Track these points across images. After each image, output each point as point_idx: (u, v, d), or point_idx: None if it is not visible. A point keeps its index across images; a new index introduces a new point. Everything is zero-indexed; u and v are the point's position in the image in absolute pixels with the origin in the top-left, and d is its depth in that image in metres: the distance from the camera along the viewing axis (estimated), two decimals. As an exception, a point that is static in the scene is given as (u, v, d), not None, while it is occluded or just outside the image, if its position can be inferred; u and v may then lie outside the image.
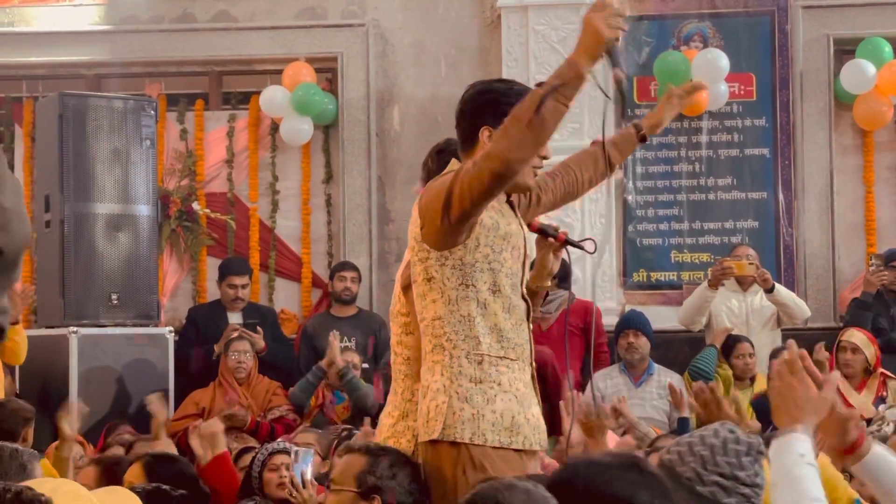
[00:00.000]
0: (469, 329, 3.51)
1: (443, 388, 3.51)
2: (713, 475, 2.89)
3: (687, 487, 2.88)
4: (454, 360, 3.51)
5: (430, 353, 3.57)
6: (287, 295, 9.08)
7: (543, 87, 3.33)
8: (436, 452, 3.52)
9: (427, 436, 3.52)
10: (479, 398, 3.49)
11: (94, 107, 7.72)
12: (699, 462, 2.91)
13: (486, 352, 3.51)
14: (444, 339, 3.53)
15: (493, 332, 3.53)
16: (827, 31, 8.64)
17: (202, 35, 9.03)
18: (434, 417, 3.50)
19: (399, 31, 8.95)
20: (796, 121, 8.60)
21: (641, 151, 8.65)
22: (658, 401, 7.42)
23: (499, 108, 3.53)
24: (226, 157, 9.13)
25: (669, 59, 8.46)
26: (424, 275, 3.57)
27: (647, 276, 8.57)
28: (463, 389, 3.49)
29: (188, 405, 7.54)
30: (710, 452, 2.92)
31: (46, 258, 7.86)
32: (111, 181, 7.71)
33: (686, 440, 2.99)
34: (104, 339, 7.56)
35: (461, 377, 3.50)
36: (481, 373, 3.51)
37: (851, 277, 8.60)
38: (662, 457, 3.00)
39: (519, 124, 3.32)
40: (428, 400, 3.54)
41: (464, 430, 3.47)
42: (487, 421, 3.48)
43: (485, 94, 3.64)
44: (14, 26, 9.13)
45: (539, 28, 8.47)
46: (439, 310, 3.54)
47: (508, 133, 3.33)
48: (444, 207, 3.44)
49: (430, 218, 3.50)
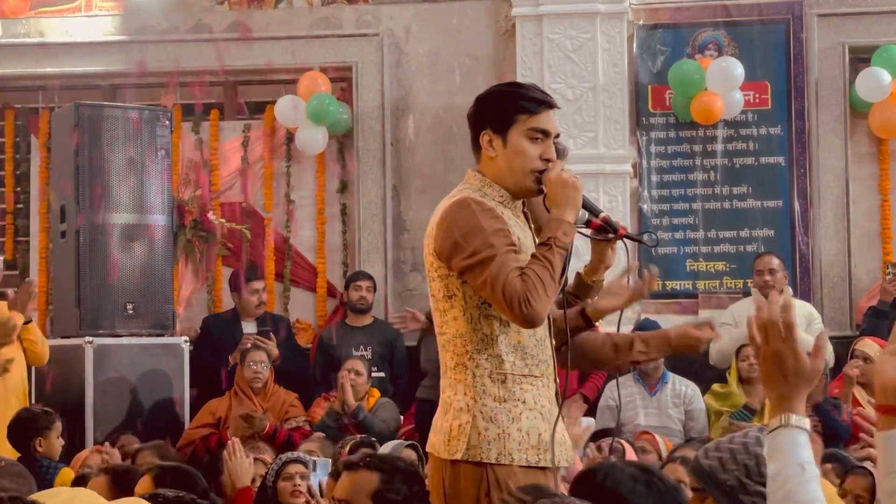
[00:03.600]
0: (492, 348, 3.47)
1: (466, 406, 3.47)
2: (758, 486, 2.77)
3: (729, 496, 2.82)
4: (477, 378, 3.47)
5: (453, 370, 3.53)
6: (302, 304, 9.08)
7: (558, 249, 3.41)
8: (457, 472, 3.47)
9: (448, 455, 3.48)
10: (503, 417, 3.45)
11: (109, 117, 7.75)
12: (743, 471, 2.84)
13: (509, 370, 3.47)
14: (467, 358, 3.49)
15: (516, 350, 3.48)
16: (842, 39, 8.62)
17: (217, 45, 9.05)
18: (457, 437, 3.46)
19: (413, 41, 8.96)
20: (811, 129, 8.58)
21: (657, 160, 8.65)
22: (673, 409, 7.41)
23: (499, 111, 3.54)
24: (241, 167, 9.14)
25: (684, 68, 8.45)
26: (445, 291, 3.52)
27: (662, 285, 8.55)
28: (487, 409, 3.45)
29: (204, 415, 7.54)
30: (755, 462, 2.81)
31: (62, 268, 7.87)
32: (126, 191, 7.73)
33: (726, 445, 2.90)
34: (119, 349, 7.57)
35: (485, 396, 3.46)
36: (505, 391, 3.46)
37: (867, 286, 8.56)
38: (700, 459, 2.92)
39: (553, 283, 3.39)
40: (450, 418, 3.50)
41: (489, 450, 3.42)
42: (514, 440, 3.44)
43: (488, 96, 3.64)
44: (30, 37, 9.16)
45: (553, 37, 8.47)
46: (461, 327, 3.50)
47: (548, 294, 3.38)
48: (459, 272, 3.45)
49: (443, 254, 3.49)
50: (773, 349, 2.42)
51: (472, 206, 3.47)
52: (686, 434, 7.35)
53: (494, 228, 3.44)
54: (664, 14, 8.69)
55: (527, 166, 3.52)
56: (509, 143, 3.54)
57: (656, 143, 8.66)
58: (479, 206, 3.47)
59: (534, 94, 3.58)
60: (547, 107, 3.56)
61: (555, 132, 3.58)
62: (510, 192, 3.56)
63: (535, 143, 3.53)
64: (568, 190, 3.47)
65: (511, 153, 3.53)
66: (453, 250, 3.45)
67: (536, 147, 3.53)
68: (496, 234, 3.43)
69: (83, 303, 7.55)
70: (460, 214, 3.47)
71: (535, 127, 3.53)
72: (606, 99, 8.47)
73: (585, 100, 8.41)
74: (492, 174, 3.57)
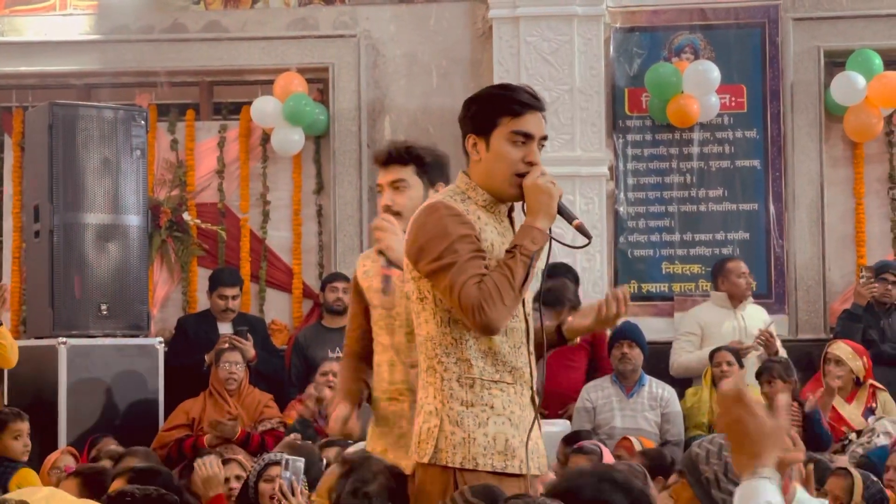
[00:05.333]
0: (460, 352, 3.45)
1: (435, 410, 3.46)
2: (730, 485, 2.84)
3: (702, 487, 2.86)
4: (445, 382, 3.45)
5: (425, 372, 3.52)
6: (278, 306, 9.06)
7: (521, 258, 3.38)
8: (426, 475, 3.47)
9: (418, 457, 3.48)
10: (469, 421, 3.43)
11: (84, 116, 7.70)
12: (722, 467, 2.87)
13: (478, 375, 3.44)
14: (436, 361, 3.47)
15: (486, 356, 3.45)
16: (817, 42, 8.66)
17: (193, 45, 9.03)
18: (426, 440, 3.46)
19: (390, 42, 8.95)
20: (787, 132, 8.61)
21: (633, 163, 8.67)
22: (650, 412, 7.41)
23: (482, 115, 3.52)
24: (216, 168, 9.11)
25: (661, 71, 8.48)
26: (417, 294, 3.52)
27: (638, 288, 8.57)
28: (454, 413, 3.43)
29: (179, 415, 7.50)
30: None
31: (35, 268, 7.82)
32: (101, 191, 7.68)
33: (719, 441, 2.94)
34: (93, 350, 7.52)
35: (452, 400, 3.44)
36: (473, 396, 3.44)
37: (842, 289, 8.60)
38: (692, 448, 2.96)
39: (512, 292, 3.36)
40: (421, 420, 3.50)
41: (455, 454, 3.41)
42: (479, 445, 3.41)
43: (473, 100, 3.61)
44: (4, 35, 9.11)
45: (530, 39, 8.47)
46: (431, 330, 3.48)
47: (505, 303, 3.36)
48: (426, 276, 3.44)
49: (411, 257, 3.49)
50: (733, 416, 2.43)
51: (440, 210, 3.46)
52: (662, 437, 7.36)
53: (460, 234, 3.42)
54: (641, 17, 8.71)
55: (507, 171, 3.49)
56: (491, 146, 3.51)
57: (633, 146, 8.68)
58: (449, 210, 3.46)
59: (518, 97, 3.53)
60: (531, 109, 3.52)
61: (539, 135, 3.53)
62: (493, 195, 3.54)
63: (516, 147, 3.50)
64: (542, 196, 3.45)
65: (493, 157, 3.51)
66: (419, 254, 3.45)
67: (518, 150, 3.49)
68: (461, 240, 3.41)
69: (57, 303, 7.51)
70: (428, 219, 3.47)
71: (516, 130, 3.49)
72: (583, 101, 8.48)
73: (562, 102, 8.42)
74: (477, 178, 3.55)
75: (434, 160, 4.16)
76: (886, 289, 7.94)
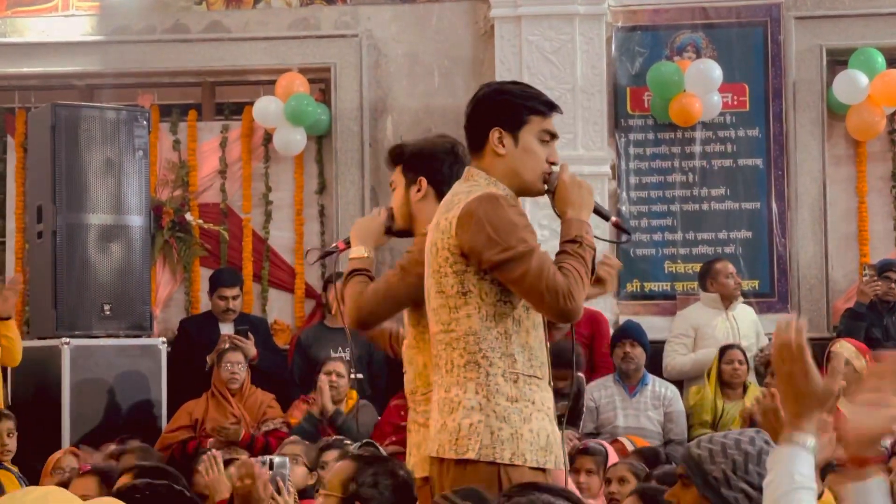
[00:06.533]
0: (505, 346, 3.46)
1: (478, 406, 3.44)
2: (741, 482, 2.84)
3: (712, 487, 2.86)
4: (491, 377, 3.45)
5: (463, 368, 3.48)
6: (280, 305, 9.06)
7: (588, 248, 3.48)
8: (465, 472, 3.43)
9: (456, 454, 3.45)
10: (516, 417, 3.44)
11: (86, 117, 7.70)
12: (730, 465, 2.87)
13: (520, 370, 3.47)
14: (480, 356, 3.46)
15: (524, 350, 3.49)
16: (820, 41, 8.65)
17: (195, 45, 9.03)
18: (467, 436, 3.43)
19: (392, 42, 8.95)
20: (789, 131, 8.60)
21: (635, 162, 8.67)
22: (653, 411, 7.41)
23: (511, 110, 3.56)
24: (219, 168, 9.12)
25: (663, 70, 8.47)
26: (459, 288, 3.48)
27: (640, 287, 8.56)
28: (500, 408, 3.43)
29: (182, 416, 7.50)
30: (743, 459, 2.87)
31: (38, 269, 7.83)
32: (104, 192, 7.69)
33: (720, 439, 2.94)
34: (96, 351, 7.53)
35: (498, 395, 3.44)
36: (517, 391, 3.46)
37: (844, 288, 8.60)
38: (692, 449, 2.96)
39: (586, 280, 3.44)
40: (459, 417, 3.46)
41: (503, 450, 3.41)
42: (526, 441, 3.43)
43: (499, 94, 3.63)
44: (6, 37, 9.11)
45: (532, 38, 8.47)
46: (474, 325, 3.47)
47: (585, 290, 3.43)
48: (491, 266, 3.43)
49: (474, 249, 3.44)
50: (786, 370, 2.45)
51: (500, 200, 3.48)
52: (665, 436, 7.36)
53: (524, 224, 3.48)
54: (643, 16, 8.70)
55: (538, 167, 3.57)
56: (521, 142, 3.56)
57: (635, 145, 8.68)
58: (507, 201, 3.50)
59: (545, 98, 3.64)
60: (555, 110, 3.64)
61: (558, 136, 3.68)
62: (515, 190, 3.58)
63: (543, 145, 3.59)
64: (583, 192, 3.57)
65: (522, 153, 3.56)
66: (486, 245, 3.42)
67: (544, 149, 3.59)
68: (527, 230, 3.46)
69: (60, 304, 7.51)
70: (490, 209, 3.46)
71: (546, 129, 3.59)
72: (585, 100, 8.48)
73: (564, 101, 8.37)
74: (498, 173, 3.57)
75: (412, 155, 4.08)
76: (889, 287, 7.94)
